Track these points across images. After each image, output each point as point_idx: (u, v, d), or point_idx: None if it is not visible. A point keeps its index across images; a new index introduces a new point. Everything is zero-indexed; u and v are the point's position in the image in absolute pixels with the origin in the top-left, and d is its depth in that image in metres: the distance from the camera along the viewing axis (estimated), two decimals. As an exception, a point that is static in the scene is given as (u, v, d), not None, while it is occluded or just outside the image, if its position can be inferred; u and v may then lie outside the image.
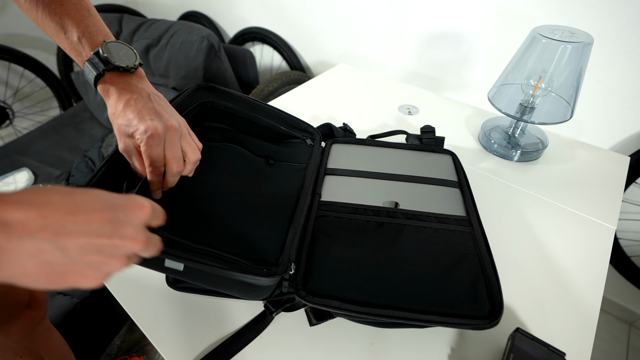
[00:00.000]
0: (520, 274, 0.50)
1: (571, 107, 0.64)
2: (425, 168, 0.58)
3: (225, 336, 0.42)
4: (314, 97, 0.91)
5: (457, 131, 0.79)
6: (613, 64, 0.84)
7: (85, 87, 1.34)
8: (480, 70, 1.08)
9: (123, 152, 0.39)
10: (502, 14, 0.95)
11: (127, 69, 0.39)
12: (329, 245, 0.44)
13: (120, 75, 0.39)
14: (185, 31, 1.11)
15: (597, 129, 0.94)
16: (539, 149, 0.70)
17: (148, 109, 0.38)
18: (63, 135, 1.36)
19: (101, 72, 0.38)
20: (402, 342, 0.42)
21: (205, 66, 1.09)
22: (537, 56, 0.61)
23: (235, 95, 0.56)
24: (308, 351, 0.41)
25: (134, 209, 0.26)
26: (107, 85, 0.39)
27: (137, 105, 0.37)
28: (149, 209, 0.26)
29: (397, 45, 1.20)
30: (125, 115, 0.37)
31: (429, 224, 0.48)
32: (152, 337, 0.43)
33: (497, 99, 0.69)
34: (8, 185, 1.12)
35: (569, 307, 0.46)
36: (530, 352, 0.37)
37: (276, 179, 0.53)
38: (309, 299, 0.38)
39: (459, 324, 0.36)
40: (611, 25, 0.81)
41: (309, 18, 1.38)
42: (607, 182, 0.66)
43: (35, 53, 1.69)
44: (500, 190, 0.63)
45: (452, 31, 1.06)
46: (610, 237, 0.55)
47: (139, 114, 0.37)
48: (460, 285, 0.40)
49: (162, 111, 0.39)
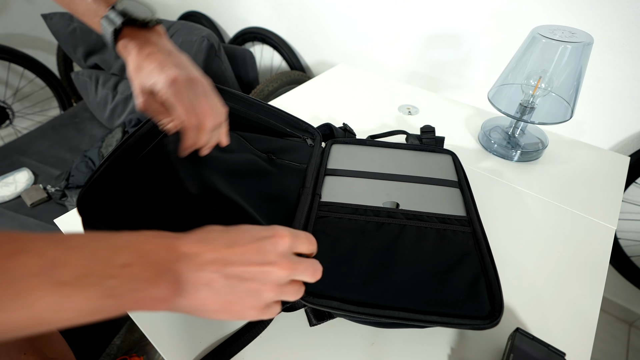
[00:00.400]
0: (520, 274, 0.50)
1: (571, 107, 0.64)
2: (425, 168, 0.58)
3: (225, 336, 0.42)
4: (314, 97, 0.91)
5: (457, 131, 0.79)
6: (613, 64, 0.84)
7: (85, 87, 1.34)
8: (480, 70, 1.08)
9: (143, 110, 0.38)
10: (502, 14, 0.95)
11: (146, 23, 0.38)
12: (329, 246, 0.44)
13: (139, 30, 0.38)
14: (185, 31, 1.11)
15: (597, 129, 0.95)
16: (539, 149, 0.70)
17: (170, 62, 0.36)
18: (63, 135, 1.36)
19: (119, 26, 0.37)
20: (402, 342, 0.42)
21: (205, 66, 1.09)
22: (537, 56, 0.61)
23: (236, 95, 0.56)
24: (308, 351, 0.41)
25: (276, 238, 0.29)
26: (126, 41, 0.37)
27: (158, 58, 0.36)
28: (288, 238, 0.29)
29: (397, 45, 1.20)
30: (145, 68, 0.36)
31: (430, 224, 0.48)
32: (152, 337, 0.43)
33: (497, 99, 0.69)
34: (8, 185, 1.11)
35: (569, 307, 0.46)
36: (530, 352, 0.37)
37: (277, 178, 0.53)
38: (309, 300, 0.38)
39: (459, 324, 0.36)
40: (611, 25, 0.81)
41: (309, 18, 1.38)
42: (607, 182, 0.66)
43: (35, 53, 1.69)
44: (500, 190, 0.64)
45: (452, 31, 1.06)
46: (610, 237, 0.55)
47: (159, 65, 0.35)
48: (461, 285, 0.40)
49: (185, 64, 0.37)
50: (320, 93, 0.93)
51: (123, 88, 1.27)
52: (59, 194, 1.08)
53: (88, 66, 1.34)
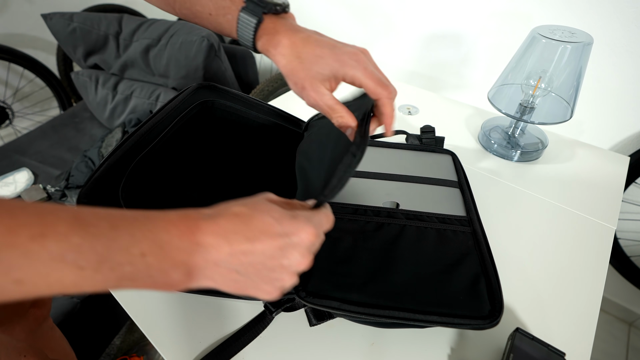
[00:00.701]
0: (520, 274, 0.50)
1: (571, 107, 0.64)
2: (425, 168, 0.58)
3: (225, 336, 0.42)
4: (314, 97, 0.90)
5: (457, 131, 0.79)
6: (613, 64, 0.84)
7: (85, 87, 1.34)
8: (480, 70, 1.08)
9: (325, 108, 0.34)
10: (502, 14, 0.95)
11: (284, 7, 0.35)
12: (329, 246, 0.44)
13: (279, 18, 0.34)
14: (185, 31, 1.11)
15: (597, 128, 0.95)
16: (538, 149, 0.70)
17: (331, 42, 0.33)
18: (63, 135, 1.36)
19: (260, 17, 0.34)
20: (402, 342, 0.42)
21: (205, 66, 1.09)
22: (537, 56, 0.61)
23: (237, 95, 0.56)
24: (308, 351, 0.41)
25: (300, 234, 0.28)
26: (270, 35, 0.34)
27: (319, 40, 0.33)
28: (313, 235, 0.28)
29: (397, 45, 1.20)
30: (312, 55, 0.33)
31: (430, 224, 0.48)
32: (152, 337, 0.43)
33: (497, 99, 0.69)
34: (8, 185, 1.12)
35: (568, 307, 0.46)
36: (530, 352, 0.37)
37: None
38: (309, 300, 0.38)
39: (459, 324, 0.36)
40: (611, 25, 0.81)
41: (309, 18, 1.38)
42: (607, 182, 0.66)
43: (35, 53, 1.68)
44: (500, 190, 0.64)
45: (452, 31, 1.06)
46: (610, 237, 0.55)
47: (332, 49, 0.32)
48: (461, 285, 0.40)
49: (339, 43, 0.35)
50: (320, 93, 0.93)
51: (123, 88, 1.27)
52: (59, 194, 1.08)
53: (88, 66, 1.34)
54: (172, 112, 0.46)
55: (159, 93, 1.21)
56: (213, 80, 1.13)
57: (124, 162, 0.39)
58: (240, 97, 0.56)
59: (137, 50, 1.18)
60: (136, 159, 0.40)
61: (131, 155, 0.40)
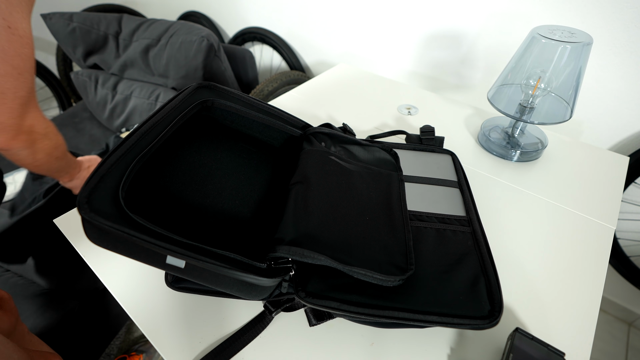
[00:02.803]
0: (520, 274, 0.50)
1: (570, 107, 0.64)
2: (424, 168, 0.58)
3: (225, 336, 0.42)
4: (314, 97, 0.91)
5: (457, 131, 0.79)
6: (612, 64, 0.84)
7: (85, 87, 1.34)
8: (480, 70, 1.08)
9: None
10: (502, 14, 0.95)
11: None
12: (328, 246, 0.44)
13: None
14: (184, 31, 1.11)
15: (597, 129, 0.95)
16: (538, 149, 0.70)
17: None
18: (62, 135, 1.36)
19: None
20: (402, 342, 0.42)
21: (205, 66, 1.09)
22: (537, 56, 0.62)
23: (236, 95, 0.56)
24: (308, 351, 0.41)
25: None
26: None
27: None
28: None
29: (397, 45, 1.20)
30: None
31: (429, 224, 0.48)
32: (151, 337, 0.43)
33: (496, 99, 0.69)
34: (7, 185, 1.11)
35: (568, 307, 0.46)
36: (529, 352, 0.37)
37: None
38: (309, 300, 0.38)
39: (458, 324, 0.36)
40: (611, 25, 0.81)
41: (309, 18, 1.38)
42: (606, 182, 0.66)
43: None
44: (500, 190, 0.64)
45: (452, 31, 1.06)
46: (609, 237, 0.55)
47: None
48: (460, 285, 0.40)
49: None
50: (319, 93, 0.93)
51: (123, 88, 1.27)
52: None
53: (87, 66, 1.34)
54: (171, 111, 0.46)
55: (158, 93, 1.21)
56: (213, 80, 1.13)
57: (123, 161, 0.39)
58: (240, 97, 0.56)
59: (136, 50, 1.18)
60: (136, 159, 0.40)
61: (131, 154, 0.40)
